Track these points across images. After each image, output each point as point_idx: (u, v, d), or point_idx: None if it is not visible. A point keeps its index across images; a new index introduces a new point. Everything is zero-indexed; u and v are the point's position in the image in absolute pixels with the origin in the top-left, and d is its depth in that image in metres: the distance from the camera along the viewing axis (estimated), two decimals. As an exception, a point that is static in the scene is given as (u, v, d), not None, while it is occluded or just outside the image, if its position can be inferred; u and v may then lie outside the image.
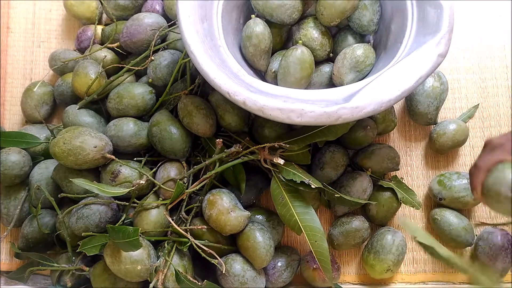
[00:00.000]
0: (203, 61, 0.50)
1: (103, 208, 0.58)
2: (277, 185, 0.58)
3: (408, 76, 0.48)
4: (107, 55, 0.68)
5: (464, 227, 0.63)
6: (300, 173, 0.56)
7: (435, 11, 0.51)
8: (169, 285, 0.56)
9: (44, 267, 0.60)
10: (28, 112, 0.69)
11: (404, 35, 0.55)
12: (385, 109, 0.47)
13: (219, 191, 0.60)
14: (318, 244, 0.55)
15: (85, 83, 0.64)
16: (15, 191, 0.64)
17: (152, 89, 0.65)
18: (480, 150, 0.69)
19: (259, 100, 0.48)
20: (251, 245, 0.57)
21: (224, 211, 0.57)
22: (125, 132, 0.62)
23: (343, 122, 0.47)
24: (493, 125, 0.70)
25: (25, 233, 0.62)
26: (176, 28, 0.68)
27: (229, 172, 0.62)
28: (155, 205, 0.59)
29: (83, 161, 0.57)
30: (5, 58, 0.75)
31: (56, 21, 0.77)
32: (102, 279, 0.57)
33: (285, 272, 0.61)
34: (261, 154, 0.59)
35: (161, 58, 0.65)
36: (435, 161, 0.69)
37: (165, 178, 0.60)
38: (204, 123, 0.60)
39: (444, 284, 0.66)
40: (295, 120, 0.47)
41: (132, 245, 0.51)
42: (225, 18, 0.59)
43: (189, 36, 0.51)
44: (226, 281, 0.58)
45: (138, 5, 0.72)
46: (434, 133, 0.67)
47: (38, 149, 0.66)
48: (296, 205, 0.57)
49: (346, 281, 0.66)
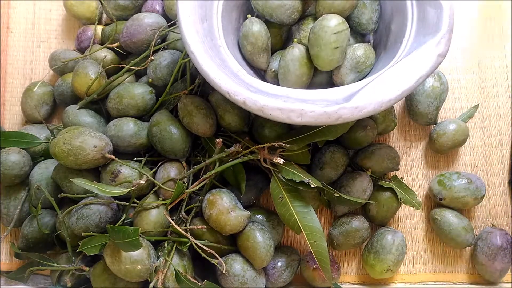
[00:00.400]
0: (203, 61, 0.50)
1: (103, 208, 0.58)
2: (277, 184, 0.58)
3: (408, 76, 0.47)
4: (107, 55, 0.68)
5: (464, 227, 0.63)
6: (300, 173, 0.56)
7: (435, 11, 0.51)
8: (169, 285, 0.56)
9: (44, 267, 0.60)
10: (28, 112, 0.69)
11: (404, 35, 0.55)
12: (385, 109, 0.47)
13: (219, 191, 0.60)
14: (318, 244, 0.55)
15: (85, 83, 0.64)
16: (15, 191, 0.64)
17: (152, 89, 0.65)
18: (480, 150, 0.69)
19: (259, 100, 0.48)
20: (251, 245, 0.57)
21: (224, 211, 0.57)
22: (125, 132, 0.62)
23: (343, 122, 0.47)
24: (493, 125, 0.70)
25: (25, 233, 0.62)
26: (176, 28, 0.68)
27: (229, 172, 0.62)
28: (155, 205, 0.59)
29: (83, 161, 0.57)
30: (5, 58, 0.75)
31: (56, 21, 0.77)
32: (102, 279, 0.57)
33: (285, 272, 0.61)
34: (261, 154, 0.59)
35: (161, 58, 0.65)
36: (435, 161, 0.69)
37: (165, 178, 0.60)
38: (204, 123, 0.60)
39: (444, 284, 0.66)
40: (295, 120, 0.47)
41: (132, 245, 0.51)
42: (225, 18, 0.59)
43: (189, 36, 0.51)
44: (226, 281, 0.58)
45: (138, 5, 0.72)
46: (434, 133, 0.67)
47: (38, 149, 0.66)
48: (296, 205, 0.57)
49: (346, 281, 0.66)
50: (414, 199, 0.64)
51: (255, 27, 0.59)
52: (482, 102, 0.71)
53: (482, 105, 0.71)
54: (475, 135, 0.70)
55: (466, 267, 0.66)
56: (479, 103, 0.70)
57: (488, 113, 0.70)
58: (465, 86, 0.71)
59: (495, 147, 0.69)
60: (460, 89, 0.71)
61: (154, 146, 0.62)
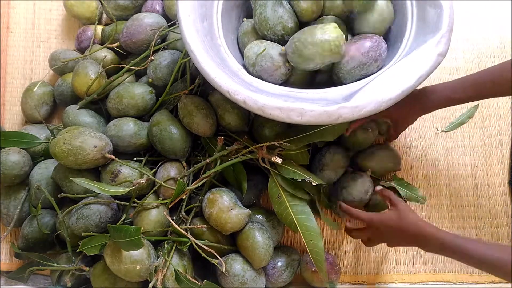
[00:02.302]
0: (203, 60, 0.50)
1: (103, 208, 0.58)
2: (275, 183, 0.58)
3: (408, 75, 0.47)
4: (107, 55, 0.68)
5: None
6: (300, 171, 0.56)
7: (435, 11, 0.51)
8: (168, 285, 0.56)
9: (44, 267, 0.60)
10: (28, 112, 0.69)
11: (404, 35, 0.55)
12: (385, 108, 0.47)
13: (219, 189, 0.60)
14: (314, 243, 0.55)
15: (85, 83, 0.64)
16: (15, 191, 0.64)
17: (152, 89, 0.65)
18: (480, 150, 0.69)
19: (260, 99, 0.48)
20: (250, 245, 0.57)
21: (224, 209, 0.57)
22: (125, 132, 0.62)
23: (343, 121, 0.47)
24: (493, 125, 0.70)
25: (25, 233, 0.62)
26: (176, 28, 0.68)
27: (229, 173, 0.62)
28: (155, 204, 0.59)
29: (83, 161, 0.57)
30: (5, 58, 0.75)
31: (56, 21, 0.77)
32: (102, 279, 0.57)
33: (285, 272, 0.61)
34: (259, 153, 0.59)
35: (161, 58, 0.65)
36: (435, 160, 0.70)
37: (165, 178, 0.60)
38: (204, 123, 0.60)
39: (444, 284, 0.66)
40: (295, 119, 0.47)
41: (134, 244, 0.51)
42: (225, 17, 0.59)
43: (189, 35, 0.51)
44: (226, 281, 0.58)
45: (138, 5, 0.72)
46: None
47: (38, 149, 0.66)
48: (293, 204, 0.57)
49: (346, 281, 0.66)
50: (418, 194, 0.64)
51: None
52: (482, 102, 0.71)
53: (482, 105, 0.71)
54: (475, 135, 0.70)
55: (466, 267, 0.66)
56: (479, 103, 0.70)
57: (488, 113, 0.70)
58: (465, 86, 0.71)
59: (495, 147, 0.69)
60: (460, 89, 0.71)
61: (154, 146, 0.62)
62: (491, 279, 0.65)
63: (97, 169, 0.61)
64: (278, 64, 0.56)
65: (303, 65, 0.54)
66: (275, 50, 0.56)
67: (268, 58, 0.55)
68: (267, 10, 0.57)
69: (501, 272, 0.45)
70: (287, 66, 0.56)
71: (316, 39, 0.51)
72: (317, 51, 0.51)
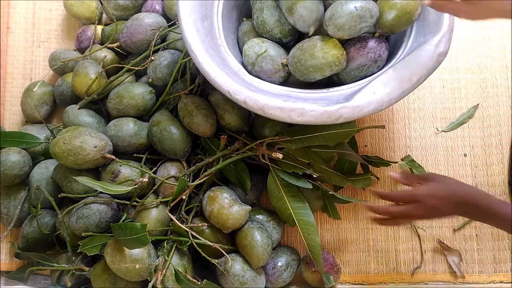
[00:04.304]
0: (204, 60, 0.50)
1: (103, 208, 0.58)
2: (274, 179, 0.59)
3: (409, 75, 0.48)
4: (107, 55, 0.68)
5: None
6: (300, 165, 0.57)
7: (436, 11, 0.51)
8: (168, 285, 0.56)
9: (44, 267, 0.60)
10: (28, 112, 0.69)
11: (404, 35, 0.55)
12: (386, 108, 0.47)
13: (219, 187, 0.60)
14: (311, 237, 0.56)
15: (85, 83, 0.64)
16: (15, 191, 0.64)
17: (152, 89, 0.65)
18: (480, 150, 0.69)
19: (260, 99, 0.48)
20: (248, 243, 0.57)
21: (225, 206, 0.57)
22: (125, 132, 0.62)
23: (344, 121, 0.47)
24: (493, 125, 0.70)
25: (25, 233, 0.62)
26: (176, 28, 0.68)
27: (230, 171, 0.62)
28: (157, 203, 0.59)
29: (83, 161, 0.57)
30: (5, 58, 0.75)
31: (56, 21, 0.77)
32: (102, 279, 0.57)
33: (285, 272, 0.61)
34: (260, 150, 0.59)
35: (161, 58, 0.65)
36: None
37: (166, 176, 0.60)
38: (204, 123, 0.60)
39: (444, 284, 0.66)
40: (296, 119, 0.47)
41: (140, 242, 0.51)
42: (226, 17, 0.59)
43: (190, 35, 0.51)
44: (226, 281, 0.58)
45: (138, 5, 0.72)
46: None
47: (38, 149, 0.66)
48: (291, 199, 0.58)
49: (346, 281, 0.66)
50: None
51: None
52: (482, 102, 0.71)
53: (482, 105, 0.71)
54: (475, 135, 0.70)
55: (466, 267, 0.66)
56: (479, 103, 0.70)
57: (488, 113, 0.70)
58: (465, 86, 0.71)
59: (495, 147, 0.69)
60: (460, 89, 0.71)
61: (154, 146, 0.62)
62: (491, 279, 0.65)
63: (97, 169, 0.61)
64: (278, 67, 0.56)
65: (305, 79, 0.55)
66: (276, 51, 0.56)
67: (268, 60, 0.55)
68: (263, 15, 0.57)
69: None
70: (287, 70, 0.56)
71: (317, 61, 0.52)
72: (318, 71, 0.52)
